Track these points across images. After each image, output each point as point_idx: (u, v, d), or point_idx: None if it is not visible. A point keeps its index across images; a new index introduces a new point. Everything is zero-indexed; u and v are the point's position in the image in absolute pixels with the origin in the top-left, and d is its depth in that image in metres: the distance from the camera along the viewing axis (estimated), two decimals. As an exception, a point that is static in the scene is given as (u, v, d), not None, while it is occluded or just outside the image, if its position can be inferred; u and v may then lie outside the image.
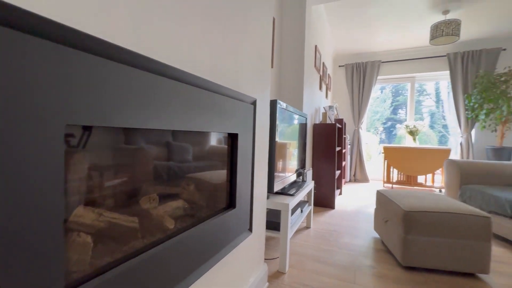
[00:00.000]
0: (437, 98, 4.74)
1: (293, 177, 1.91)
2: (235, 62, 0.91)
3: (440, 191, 3.89)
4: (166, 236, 0.63)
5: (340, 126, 3.33)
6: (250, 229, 1.03)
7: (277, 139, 1.47)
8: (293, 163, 1.92)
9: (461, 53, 3.96)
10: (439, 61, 4.21)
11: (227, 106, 0.81)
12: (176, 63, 0.62)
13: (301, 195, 1.75)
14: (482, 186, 2.27)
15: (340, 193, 3.48)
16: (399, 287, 1.32)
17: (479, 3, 2.95)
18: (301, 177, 2.15)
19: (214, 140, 0.87)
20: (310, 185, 2.08)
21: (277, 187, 1.51)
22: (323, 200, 2.82)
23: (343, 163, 3.72)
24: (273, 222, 1.57)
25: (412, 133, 4.27)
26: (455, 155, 4.18)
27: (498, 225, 1.95)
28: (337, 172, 3.18)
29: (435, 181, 4.11)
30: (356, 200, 3.22)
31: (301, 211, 1.90)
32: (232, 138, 0.91)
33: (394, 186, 4.19)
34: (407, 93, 4.69)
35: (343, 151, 3.65)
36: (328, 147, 2.79)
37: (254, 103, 1.02)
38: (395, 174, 4.20)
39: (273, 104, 1.39)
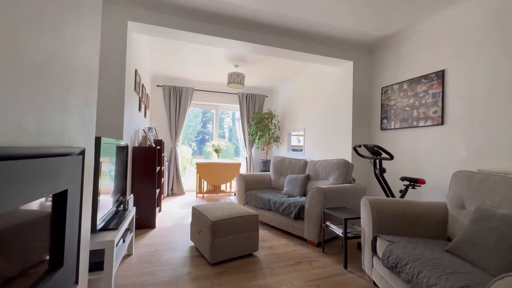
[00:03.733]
0: (233, 118, 6.29)
1: (114, 208, 1.87)
2: (63, 118, 0.90)
3: (235, 194, 5.19)
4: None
5: (159, 147, 3.54)
6: (76, 281, 1.01)
7: (101, 176, 1.44)
8: (114, 193, 1.89)
9: (246, 94, 5.60)
10: (234, 97, 5.67)
11: (52, 166, 0.81)
12: None
13: (125, 225, 1.78)
14: (256, 190, 3.43)
15: (160, 210, 3.66)
16: (208, 281, 1.77)
17: (254, 66, 4.42)
18: (122, 206, 2.13)
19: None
20: (132, 212, 2.12)
21: (100, 224, 1.47)
22: (144, 221, 2.87)
23: (162, 180, 3.94)
24: (94, 263, 1.50)
25: (217, 150, 5.36)
26: (244, 167, 5.76)
27: (263, 216, 3.07)
28: (157, 191, 3.34)
29: (232, 187, 5.42)
30: (175, 214, 3.56)
31: (123, 241, 1.91)
32: (60, 196, 0.88)
33: (204, 195, 5.01)
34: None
35: (162, 168, 3.88)
36: (148, 169, 2.90)
37: (82, 152, 1.03)
38: (205, 185, 5.04)
39: (97, 143, 1.37)
